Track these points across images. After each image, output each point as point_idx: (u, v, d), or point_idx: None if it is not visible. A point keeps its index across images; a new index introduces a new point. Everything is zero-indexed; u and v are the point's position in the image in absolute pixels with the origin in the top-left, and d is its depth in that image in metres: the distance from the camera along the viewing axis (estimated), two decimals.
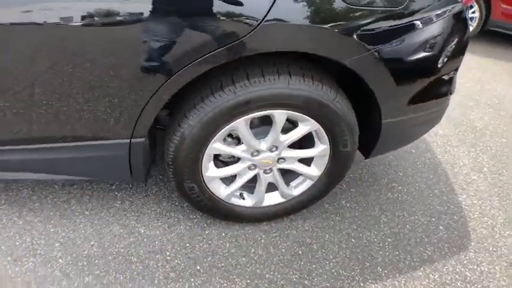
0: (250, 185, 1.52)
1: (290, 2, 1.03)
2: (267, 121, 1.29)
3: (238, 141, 1.37)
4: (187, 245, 1.51)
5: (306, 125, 1.29)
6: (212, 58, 1.05)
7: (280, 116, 1.24)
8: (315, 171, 1.46)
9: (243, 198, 1.53)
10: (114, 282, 1.35)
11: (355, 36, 1.09)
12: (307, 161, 1.47)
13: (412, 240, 1.61)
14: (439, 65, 1.29)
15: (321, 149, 1.38)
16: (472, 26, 4.28)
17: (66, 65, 1.05)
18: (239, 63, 1.18)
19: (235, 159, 1.44)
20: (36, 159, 1.25)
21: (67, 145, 1.23)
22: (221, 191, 1.46)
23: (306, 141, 1.43)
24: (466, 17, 1.30)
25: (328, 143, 1.36)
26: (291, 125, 1.35)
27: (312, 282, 1.40)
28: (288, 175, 1.53)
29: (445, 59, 1.29)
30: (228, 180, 1.48)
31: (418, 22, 1.17)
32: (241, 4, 1.00)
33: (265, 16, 1.01)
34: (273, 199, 1.55)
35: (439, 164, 2.06)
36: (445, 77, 1.36)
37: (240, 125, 1.25)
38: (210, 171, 1.39)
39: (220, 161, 1.47)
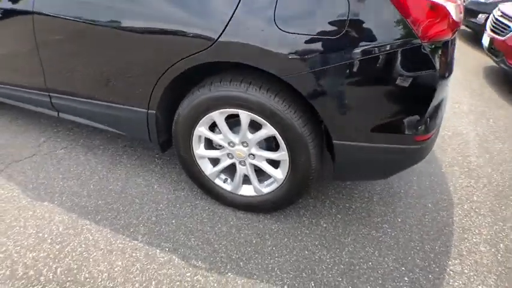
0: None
1: (238, 27, 1.41)
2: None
3: None
4: (178, 205, 1.97)
5: (266, 129, 1.61)
6: (184, 63, 1.54)
7: (243, 115, 1.60)
8: (279, 174, 1.73)
9: (225, 182, 1.92)
10: (115, 209, 1.91)
11: (291, 56, 1.37)
12: (277, 164, 1.76)
13: (364, 276, 1.65)
14: (383, 99, 1.39)
15: (280, 153, 1.65)
16: None
17: (117, 55, 1.70)
18: (219, 71, 1.63)
19: (221, 147, 1.85)
20: (83, 109, 1.99)
21: (111, 105, 1.90)
22: (207, 169, 1.88)
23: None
24: (428, 55, 1.34)
25: (286, 149, 1.63)
26: None
27: (246, 265, 1.65)
28: (266, 174, 1.84)
29: (394, 94, 1.38)
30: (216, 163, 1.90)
31: (355, 52, 1.32)
32: (203, 28, 1.46)
33: (220, 36, 1.43)
34: (248, 191, 1.87)
35: (450, 225, 1.96)
36: (402, 114, 1.44)
37: (216, 116, 1.66)
38: (200, 150, 1.83)
39: (213, 147, 1.90)
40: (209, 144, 1.88)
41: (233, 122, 1.71)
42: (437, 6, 1.34)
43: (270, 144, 1.76)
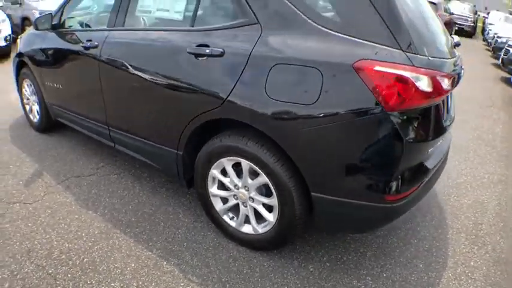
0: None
1: (239, 92, 1.90)
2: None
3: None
4: (193, 233, 2.42)
5: (261, 177, 2.04)
6: (204, 116, 2.08)
7: (244, 163, 2.05)
8: (271, 217, 2.10)
9: (231, 219, 2.36)
10: (143, 226, 2.44)
11: (276, 118, 1.79)
12: (272, 209, 2.15)
13: None
14: (351, 160, 1.71)
15: (271, 199, 2.06)
16: None
17: (157, 103, 2.33)
18: (230, 127, 2.12)
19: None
20: (132, 144, 2.63)
21: (152, 143, 2.51)
22: (218, 206, 2.35)
23: None
24: (393, 123, 1.60)
25: (276, 197, 2.03)
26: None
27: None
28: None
29: (361, 157, 1.69)
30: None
31: (327, 118, 1.68)
32: (216, 91, 2.00)
33: (227, 97, 1.94)
34: (248, 229, 2.27)
35: (435, 285, 2.05)
36: (370, 175, 1.73)
37: (225, 162, 2.14)
38: (213, 189, 2.31)
39: (225, 188, 2.37)
40: (223, 185, 2.34)
41: (241, 169, 2.16)
42: (402, 78, 1.60)
43: (269, 191, 2.17)
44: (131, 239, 2.33)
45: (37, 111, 3.78)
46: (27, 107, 3.95)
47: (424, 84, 1.65)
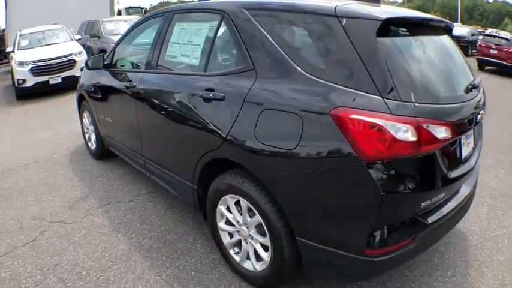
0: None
1: (233, 136, 2.21)
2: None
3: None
4: (204, 263, 2.77)
5: (256, 216, 2.33)
6: (209, 155, 2.44)
7: (242, 201, 2.36)
8: (266, 256, 2.34)
9: (236, 254, 2.66)
10: (160, 253, 2.85)
11: (262, 161, 2.07)
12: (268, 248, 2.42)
13: None
14: (327, 207, 1.90)
15: (266, 239, 2.31)
16: None
17: (180, 142, 2.78)
18: (233, 168, 2.45)
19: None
20: (162, 175, 3.09)
21: (174, 176, 2.95)
22: (225, 240, 2.67)
23: None
24: (368, 173, 1.67)
25: (268, 237, 2.28)
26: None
27: None
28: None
29: (336, 205, 1.87)
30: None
31: (306, 163, 1.87)
32: (217, 132, 2.35)
33: (224, 140, 2.28)
34: (248, 265, 2.53)
35: None
36: (347, 225, 1.89)
37: (228, 199, 2.47)
38: (221, 224, 2.65)
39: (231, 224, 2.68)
40: (229, 221, 2.66)
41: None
42: (377, 127, 1.66)
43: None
44: (147, 262, 2.76)
45: (94, 140, 4.48)
46: (87, 136, 4.72)
47: (405, 133, 1.66)
